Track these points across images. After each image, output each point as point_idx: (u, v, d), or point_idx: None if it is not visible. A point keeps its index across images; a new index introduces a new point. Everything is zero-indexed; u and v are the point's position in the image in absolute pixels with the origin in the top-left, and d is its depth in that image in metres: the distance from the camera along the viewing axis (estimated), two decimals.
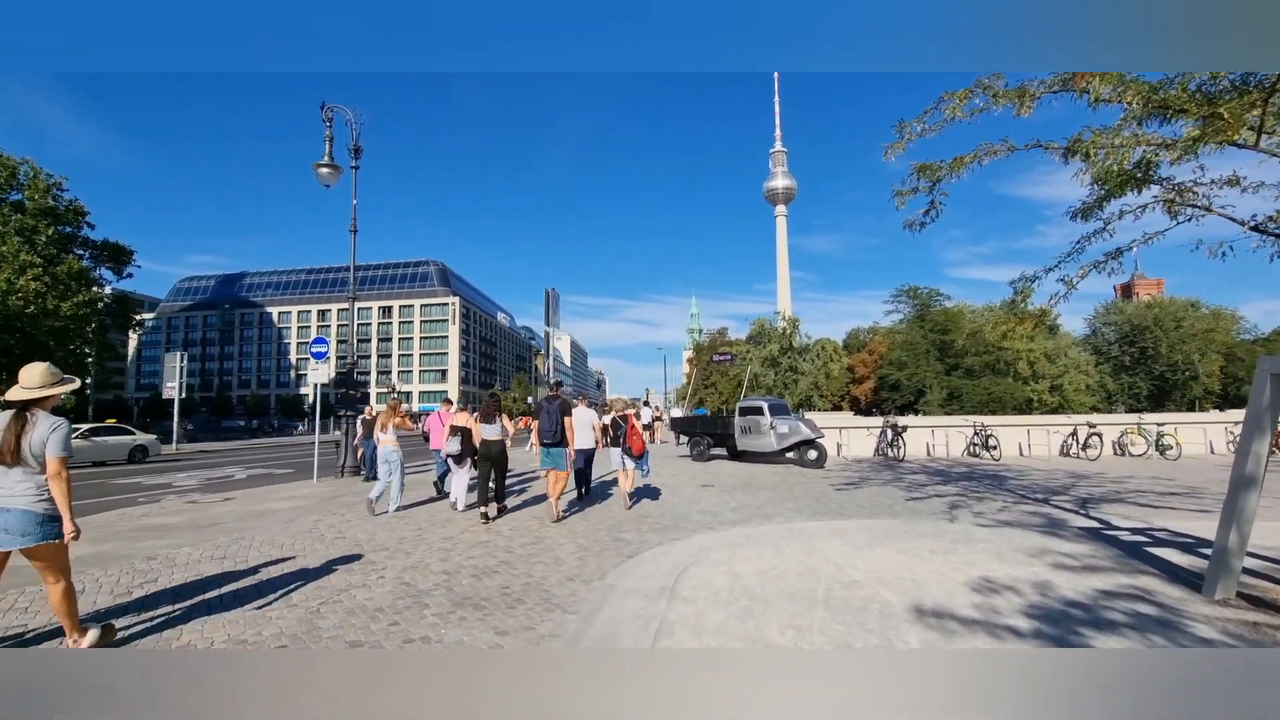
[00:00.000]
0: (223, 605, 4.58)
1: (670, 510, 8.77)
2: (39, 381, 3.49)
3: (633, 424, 9.70)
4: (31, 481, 3.38)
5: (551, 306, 8.81)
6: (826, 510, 8.72)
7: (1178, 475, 12.25)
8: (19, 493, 3.35)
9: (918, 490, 10.61)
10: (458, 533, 7.19)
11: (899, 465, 14.91)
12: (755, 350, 66.71)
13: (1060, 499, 9.46)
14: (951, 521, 7.81)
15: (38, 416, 3.45)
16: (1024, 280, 6.76)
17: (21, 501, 3.35)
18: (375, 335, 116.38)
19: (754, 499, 9.78)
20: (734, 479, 12.52)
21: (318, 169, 14.97)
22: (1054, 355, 69.16)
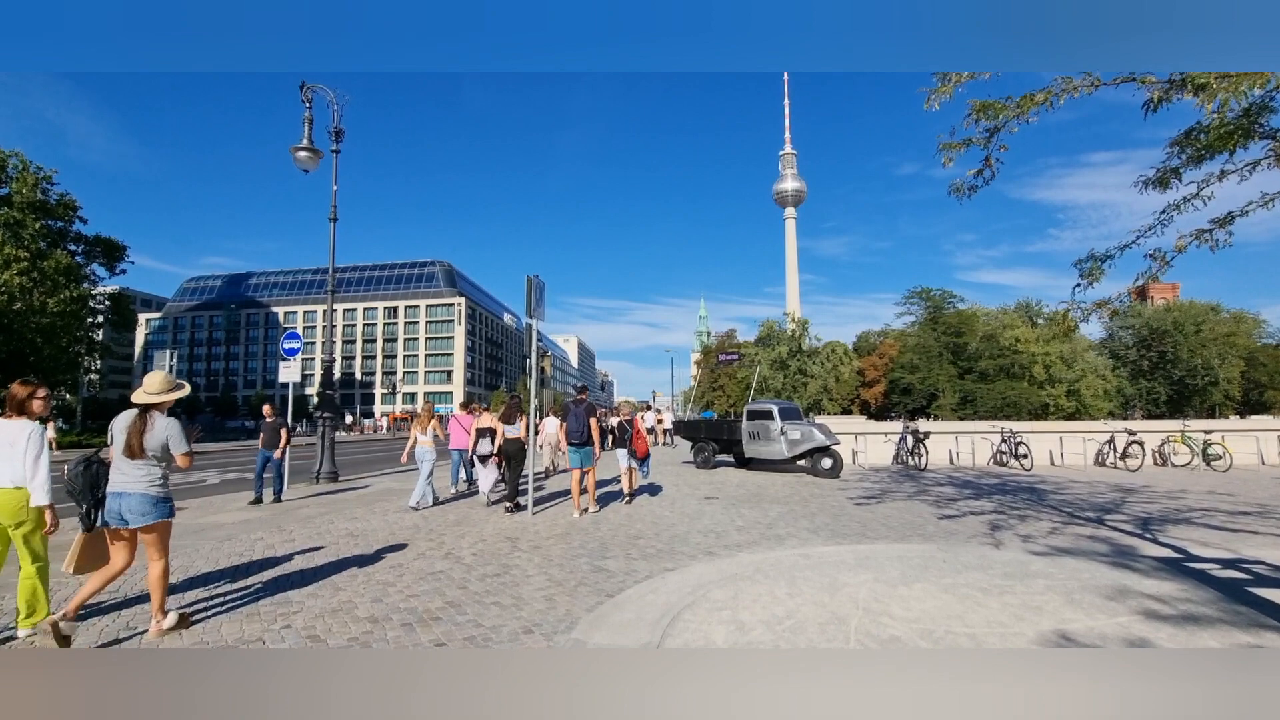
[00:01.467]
0: None
1: (667, 529, 7.61)
2: (159, 388, 4.06)
3: (638, 427, 10.52)
4: (148, 471, 3.94)
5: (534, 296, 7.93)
6: (847, 530, 7.54)
7: (1236, 490, 10.96)
8: (138, 479, 3.90)
9: (948, 505, 9.39)
10: (410, 559, 6.06)
11: (921, 475, 13.67)
12: (764, 352, 65.41)
13: (1115, 518, 8.23)
14: (998, 548, 6.61)
15: (155, 417, 4.01)
16: (1093, 260, 5.57)
17: (139, 486, 3.90)
18: (381, 335, 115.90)
19: (763, 515, 8.61)
20: (741, 490, 11.34)
21: (295, 153, 13.97)
22: (1070, 359, 67.53)
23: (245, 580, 5.37)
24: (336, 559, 6.10)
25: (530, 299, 8.24)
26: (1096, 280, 5.63)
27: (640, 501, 9.97)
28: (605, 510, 9.09)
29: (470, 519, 8.35)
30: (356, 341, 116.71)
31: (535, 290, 8.34)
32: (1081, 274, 5.63)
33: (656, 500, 10.12)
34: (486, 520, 8.23)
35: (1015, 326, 68.48)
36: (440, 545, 6.63)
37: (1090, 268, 5.56)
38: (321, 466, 13.52)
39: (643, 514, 8.75)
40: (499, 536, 7.09)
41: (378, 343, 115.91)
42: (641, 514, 8.75)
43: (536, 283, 8.40)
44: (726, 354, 24.56)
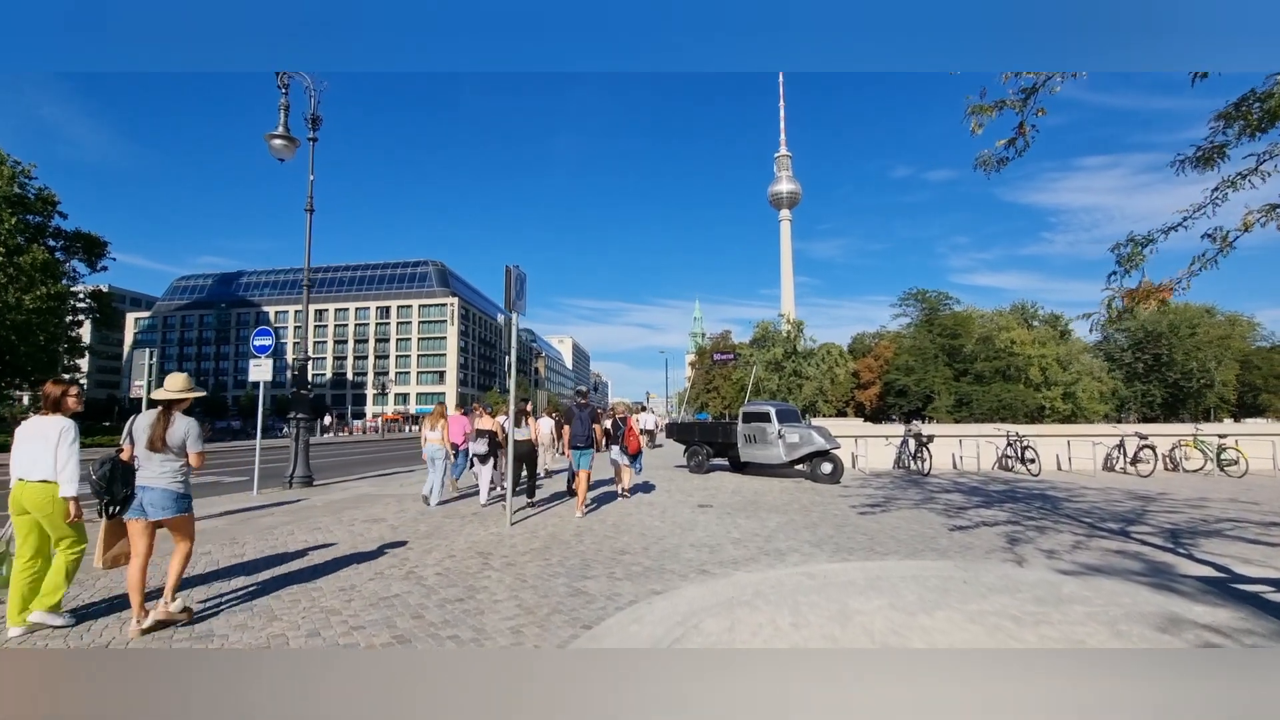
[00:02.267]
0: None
1: (656, 543, 6.95)
2: (180, 386, 4.29)
3: (631, 426, 10.94)
4: (170, 466, 4.14)
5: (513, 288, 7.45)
6: (853, 543, 6.90)
7: (1258, 497, 10.39)
8: (160, 474, 4.11)
9: (958, 515, 8.77)
10: (365, 579, 5.38)
11: (925, 480, 13.06)
12: (759, 354, 64.87)
13: (1140, 530, 7.62)
14: (1021, 565, 5.98)
15: (175, 415, 4.22)
16: (1132, 244, 4.94)
17: (162, 481, 4.10)
18: (373, 335, 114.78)
19: (761, 525, 7.96)
20: (736, 497, 10.69)
21: (270, 140, 13.27)
22: (1066, 361, 67.28)
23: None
24: (283, 578, 5.42)
25: (509, 291, 7.58)
26: (1136, 267, 5.00)
27: (628, 510, 9.32)
28: (592, 519, 8.44)
29: (443, 529, 7.68)
30: (348, 341, 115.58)
31: (515, 281, 7.69)
32: (1119, 260, 5.00)
33: (646, 508, 9.46)
34: (460, 531, 7.56)
35: (1011, 328, 68.20)
36: (403, 562, 5.95)
37: (1130, 253, 4.93)
38: (295, 470, 12.81)
39: (631, 524, 8.10)
40: (470, 551, 6.42)
41: (369, 343, 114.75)
42: (630, 524, 8.10)
43: (516, 273, 7.75)
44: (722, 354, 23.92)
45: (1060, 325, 74.07)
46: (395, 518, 8.55)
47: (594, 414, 9.41)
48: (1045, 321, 74.51)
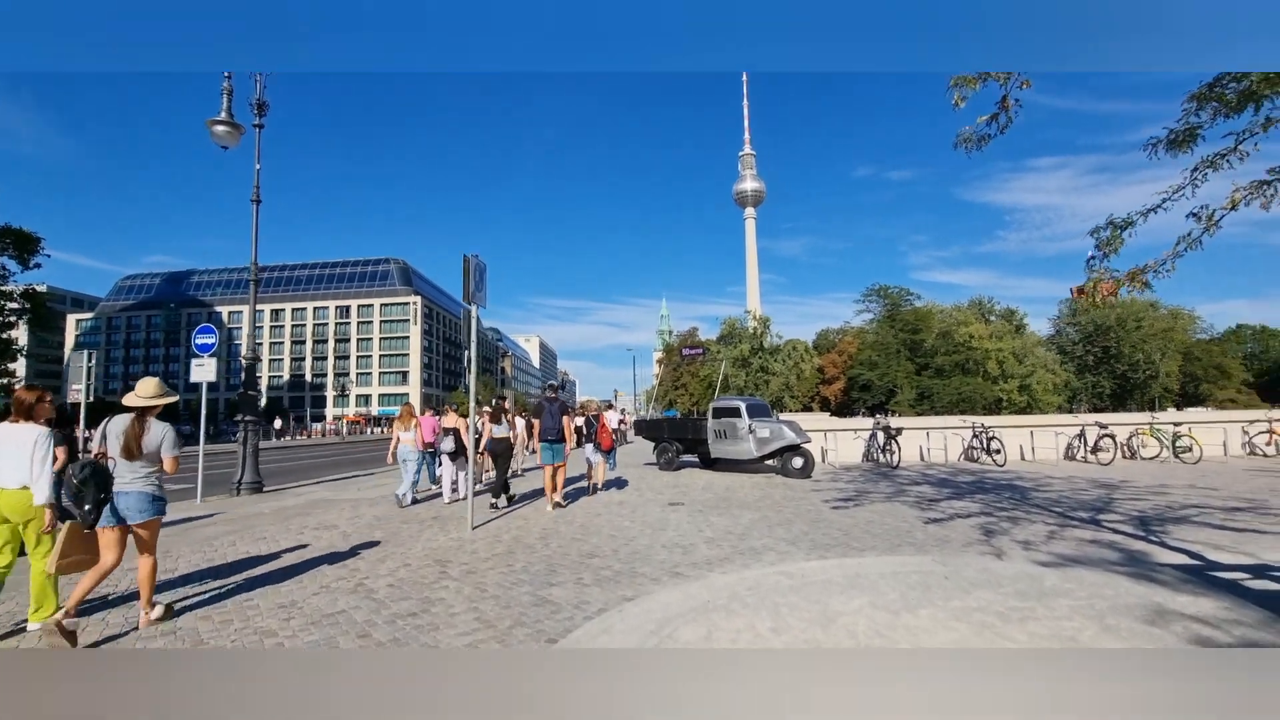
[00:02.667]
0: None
1: (626, 544, 6.64)
2: (153, 392, 4.37)
3: (603, 423, 11.34)
4: (146, 471, 4.23)
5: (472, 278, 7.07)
6: (829, 539, 6.70)
7: (1215, 483, 10.59)
8: (135, 479, 4.18)
9: (931, 507, 8.68)
10: (309, 594, 4.94)
11: (895, 474, 13.03)
12: (726, 350, 65.13)
13: (1110, 519, 7.61)
14: (1000, 558, 5.85)
15: (150, 421, 4.30)
16: (1111, 227, 4.82)
17: (138, 485, 4.18)
18: (332, 335, 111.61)
19: (734, 523, 7.72)
20: (708, 494, 10.45)
21: (212, 127, 12.50)
22: (1021, 354, 69.23)
23: (90, 622, 4.19)
24: (216, 595, 4.94)
25: (468, 282, 7.16)
26: (1115, 251, 4.89)
27: (597, 510, 9.00)
28: (560, 520, 8.09)
29: (400, 536, 7.23)
30: (306, 342, 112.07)
31: (474, 272, 7.27)
32: (1098, 244, 4.89)
33: (616, 507, 9.14)
34: (418, 537, 7.12)
35: (970, 323, 69.86)
36: (353, 574, 5.52)
37: (1109, 237, 4.81)
38: (243, 476, 12.12)
39: (600, 525, 7.77)
40: (427, 559, 6.00)
41: (329, 343, 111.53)
42: (599, 525, 7.77)
43: (475, 264, 7.33)
44: (690, 348, 23.71)
45: (1016, 320, 76.36)
46: (349, 524, 8.05)
47: (564, 408, 9.47)
48: (1001, 316, 76.67)
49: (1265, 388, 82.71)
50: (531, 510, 9.04)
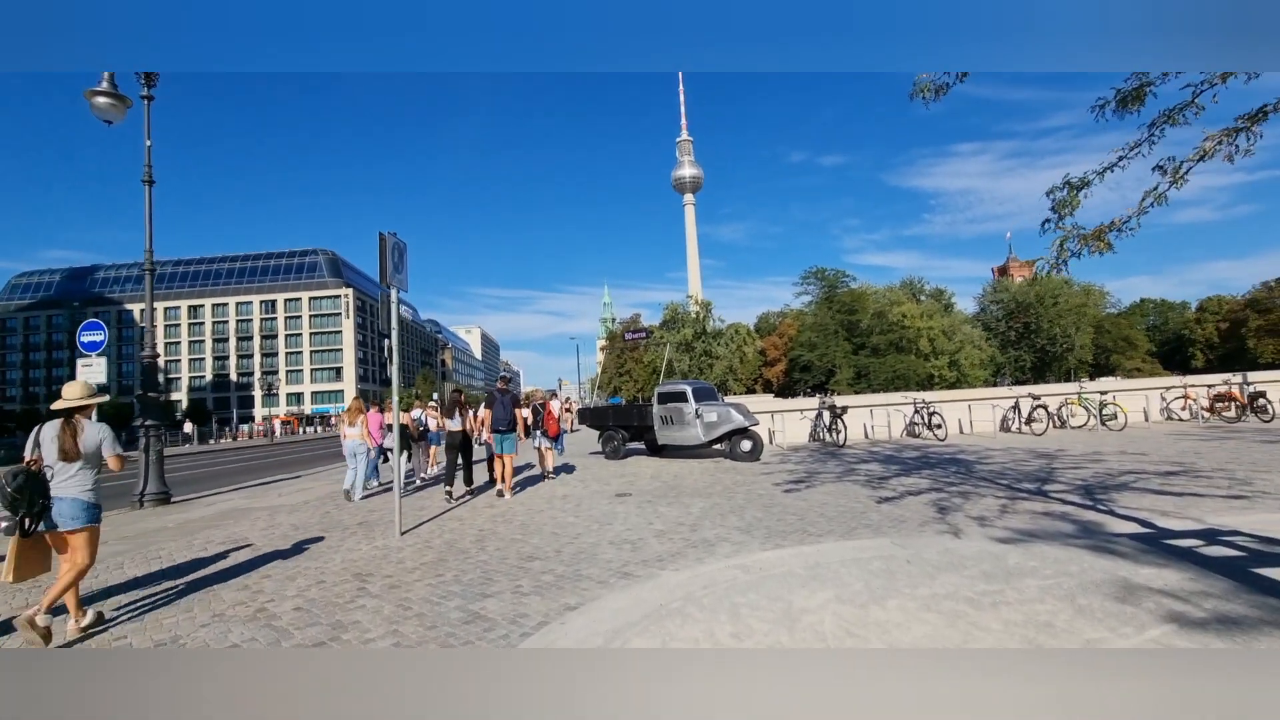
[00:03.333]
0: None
1: (570, 542, 6.14)
2: (80, 394, 4.26)
3: (549, 411, 11.46)
4: (82, 476, 4.12)
5: (389, 258, 6.45)
6: (784, 525, 6.40)
7: (1144, 448, 10.97)
8: (72, 485, 4.08)
9: (881, 486, 8.55)
10: (197, 626, 4.23)
11: (842, 452, 13.00)
12: (669, 335, 65.13)
13: (1055, 489, 7.64)
14: (958, 537, 5.66)
15: (83, 423, 4.19)
16: (1068, 187, 4.60)
17: (73, 491, 4.07)
18: (258, 331, 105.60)
19: (685, 513, 7.34)
20: (656, 482, 10.05)
21: (93, 99, 11.11)
22: (950, 332, 72.18)
23: None
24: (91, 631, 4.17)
25: (385, 262, 6.44)
26: (1070, 214, 4.68)
27: (539, 505, 8.46)
28: (497, 520, 7.51)
29: (319, 547, 6.50)
30: (230, 339, 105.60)
31: (391, 251, 6.55)
32: (1054, 205, 4.67)
33: (559, 503, 8.62)
34: (339, 547, 6.41)
35: (902, 303, 72.28)
36: (255, 596, 4.81)
37: (1066, 198, 4.59)
38: (145, 487, 10.92)
39: (542, 522, 7.24)
40: (346, 574, 5.33)
41: (255, 340, 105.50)
42: (540, 522, 7.24)
43: (393, 242, 6.61)
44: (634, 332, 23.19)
45: (944, 299, 79.63)
46: (262, 537, 7.23)
47: (515, 400, 9.83)
48: (931, 295, 79.75)
49: (1166, 356, 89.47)
50: (468, 510, 8.41)
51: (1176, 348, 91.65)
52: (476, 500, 9.15)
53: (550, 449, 11.38)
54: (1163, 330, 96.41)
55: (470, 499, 9.24)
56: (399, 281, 6.69)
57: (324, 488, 11.95)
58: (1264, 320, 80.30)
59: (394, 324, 6.63)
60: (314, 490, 11.55)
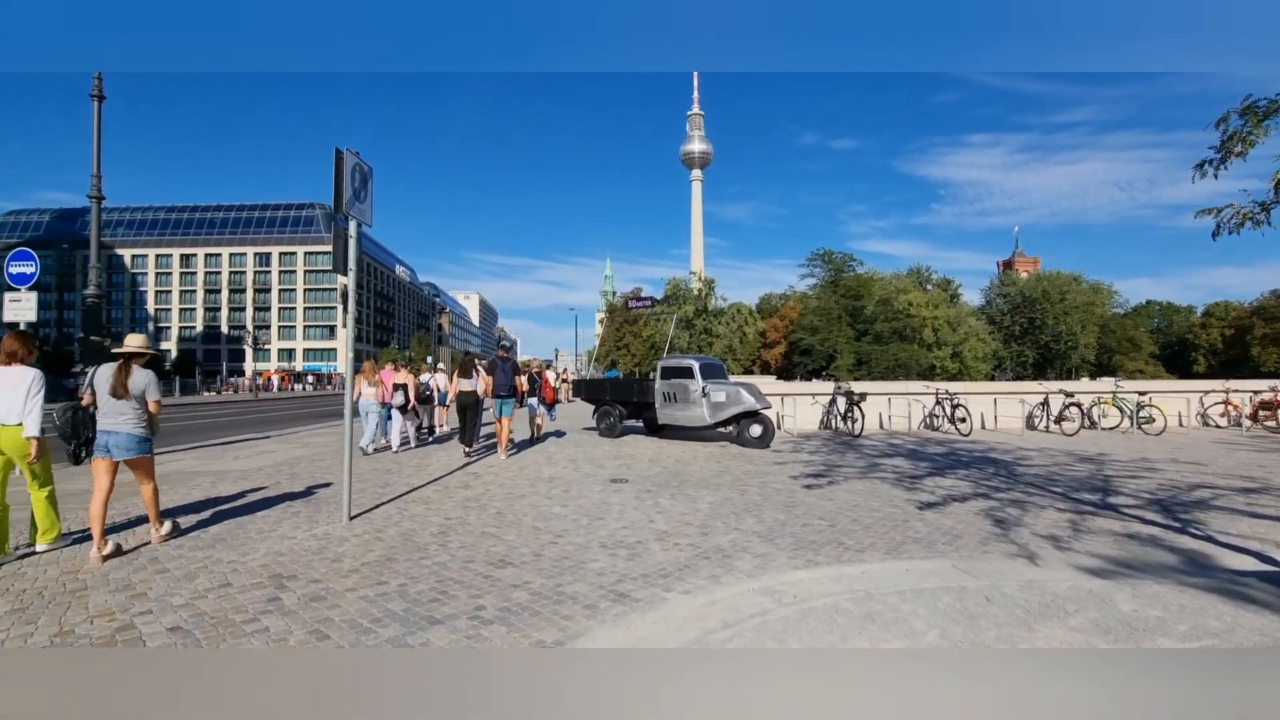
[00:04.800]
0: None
1: (553, 542, 5.01)
2: (140, 344, 4.92)
3: (545, 379, 12.65)
4: (132, 413, 4.67)
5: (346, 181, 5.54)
6: (813, 533, 5.28)
7: (1196, 456, 9.89)
8: (126, 421, 4.65)
9: (915, 487, 7.44)
10: (58, 630, 3.09)
11: (859, 443, 11.90)
12: (670, 309, 63.77)
13: (1122, 501, 6.54)
14: (1035, 563, 4.55)
15: (134, 367, 4.73)
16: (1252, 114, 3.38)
17: (126, 425, 4.64)
18: (251, 285, 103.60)
19: (691, 508, 6.22)
20: (656, 467, 8.94)
21: None
22: (955, 323, 70.98)
23: None
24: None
25: (341, 185, 5.19)
26: (1242, 153, 3.46)
27: (522, 489, 7.35)
28: (470, 505, 6.38)
29: (246, 529, 5.37)
30: (222, 290, 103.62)
31: (351, 174, 5.30)
32: (1226, 138, 3.45)
33: (545, 485, 7.51)
34: (271, 532, 5.27)
35: (909, 291, 70.91)
36: (132, 603, 3.65)
37: (1245, 129, 3.37)
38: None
39: (522, 511, 6.12)
40: (264, 574, 4.18)
41: (247, 292, 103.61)
42: (520, 511, 6.12)
43: (354, 163, 5.36)
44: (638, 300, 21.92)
45: (951, 289, 78.26)
46: (188, 511, 6.09)
47: (515, 367, 10.45)
48: (938, 285, 78.36)
49: (1168, 360, 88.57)
50: (438, 490, 7.30)
51: (1179, 351, 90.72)
52: (449, 479, 8.03)
53: (544, 413, 12.51)
54: (1166, 333, 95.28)
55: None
56: (359, 212, 5.45)
57: (289, 451, 10.82)
58: (1270, 329, 79.28)
59: (351, 263, 5.39)
60: (276, 454, 10.41)
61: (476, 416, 10.21)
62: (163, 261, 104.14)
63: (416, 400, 11.62)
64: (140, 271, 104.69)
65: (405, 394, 10.84)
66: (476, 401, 10.15)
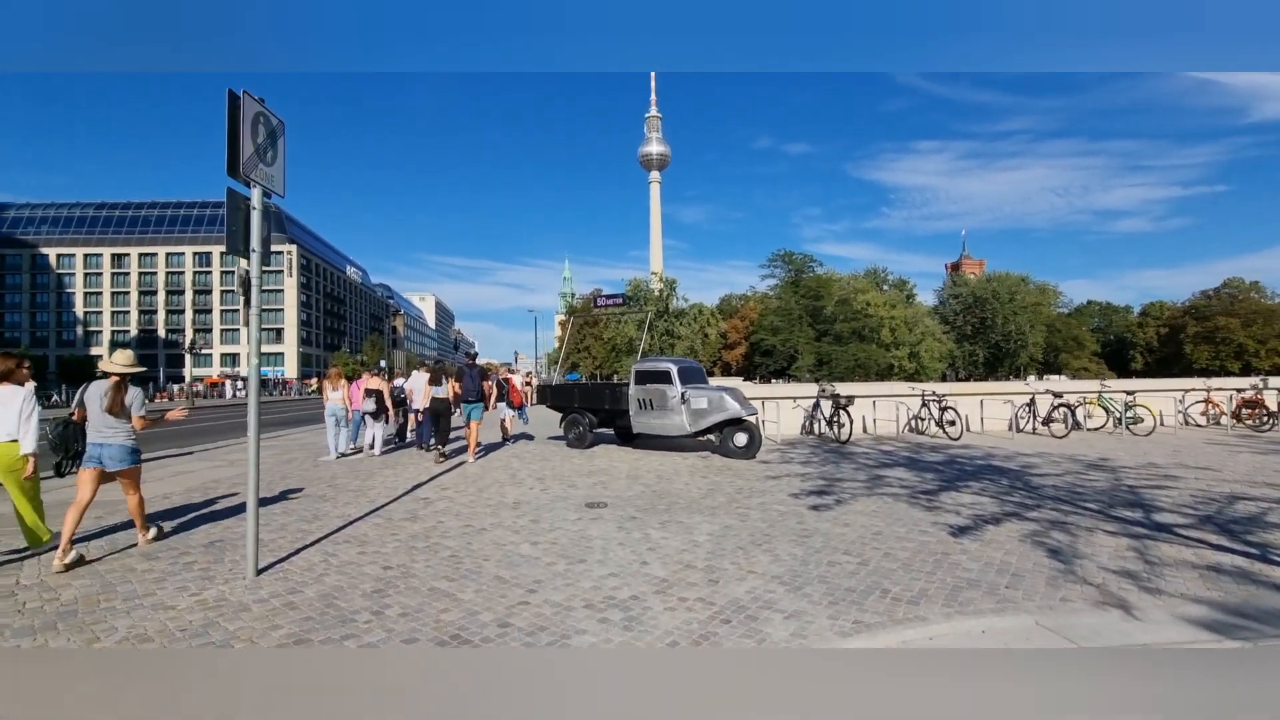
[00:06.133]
0: None
1: (524, 600, 3.89)
2: (129, 362, 5.15)
3: (512, 383, 13.40)
4: (124, 427, 4.95)
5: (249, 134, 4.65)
6: (844, 575, 4.30)
7: (1204, 461, 9.37)
8: (118, 434, 4.91)
9: (933, 504, 6.57)
10: None
11: (849, 450, 11.07)
12: (632, 313, 62.78)
13: (1172, 519, 5.79)
14: (1132, 614, 3.65)
15: (126, 384, 5.00)
16: None
17: (118, 439, 4.90)
18: (190, 286, 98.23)
19: (689, 542, 5.18)
20: (637, 485, 7.86)
21: None
22: (912, 323, 72.11)
23: None
24: None
25: (237, 138, 3.95)
26: None
27: (483, 512, 6.18)
28: (416, 545, 5.18)
29: (107, 604, 4.07)
30: (159, 292, 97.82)
31: (250, 125, 4.07)
32: None
33: (509, 514, 6.35)
34: (141, 601, 3.99)
35: (867, 291, 71.72)
36: None
37: None
38: None
39: (483, 548, 4.96)
40: None
41: (186, 294, 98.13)
42: (481, 548, 4.96)
43: (252, 107, 4.12)
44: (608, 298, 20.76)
45: (906, 289, 79.62)
46: (45, 561, 4.73)
47: (482, 372, 10.85)
48: (894, 285, 79.63)
49: (1109, 357, 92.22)
50: (380, 522, 6.07)
51: (1119, 349, 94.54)
52: (395, 508, 6.79)
53: (514, 415, 13.17)
54: (1106, 332, 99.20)
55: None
56: (265, 177, 4.22)
57: (210, 472, 9.34)
58: (1200, 327, 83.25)
59: (254, 242, 4.15)
60: (192, 477, 8.92)
61: (448, 422, 10.57)
62: (92, 261, 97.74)
63: (392, 404, 11.61)
64: (67, 272, 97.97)
65: (378, 400, 11.03)
66: (447, 408, 10.48)
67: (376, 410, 11.07)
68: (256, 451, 4.36)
